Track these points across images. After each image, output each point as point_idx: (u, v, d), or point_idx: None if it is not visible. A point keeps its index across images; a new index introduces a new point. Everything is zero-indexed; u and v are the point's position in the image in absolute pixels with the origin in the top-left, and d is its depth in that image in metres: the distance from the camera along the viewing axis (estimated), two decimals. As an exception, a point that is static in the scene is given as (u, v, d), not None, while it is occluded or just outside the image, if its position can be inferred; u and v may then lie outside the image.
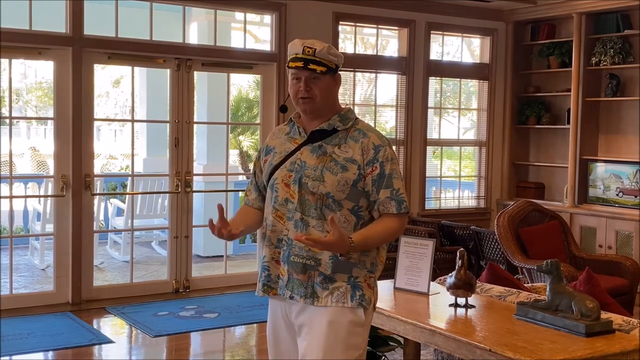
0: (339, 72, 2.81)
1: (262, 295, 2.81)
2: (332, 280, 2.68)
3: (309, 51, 2.71)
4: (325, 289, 2.67)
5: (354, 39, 8.12)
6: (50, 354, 5.28)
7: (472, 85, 9.10)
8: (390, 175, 2.70)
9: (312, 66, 2.70)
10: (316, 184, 2.67)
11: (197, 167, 8.07)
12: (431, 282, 3.78)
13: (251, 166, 14.05)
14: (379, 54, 8.44)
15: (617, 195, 7.61)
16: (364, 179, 2.70)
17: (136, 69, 7.12)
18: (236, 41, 8.42)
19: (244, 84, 13.92)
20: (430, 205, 8.57)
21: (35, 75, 17.49)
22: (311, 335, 2.70)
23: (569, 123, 7.97)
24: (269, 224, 2.78)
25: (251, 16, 8.01)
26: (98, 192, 7.66)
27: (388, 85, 8.51)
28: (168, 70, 6.86)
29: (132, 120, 7.48)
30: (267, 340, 2.95)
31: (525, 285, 4.30)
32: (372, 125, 2.96)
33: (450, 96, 9.41)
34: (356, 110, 7.95)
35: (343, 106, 2.87)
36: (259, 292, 2.82)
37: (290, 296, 2.72)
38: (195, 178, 7.28)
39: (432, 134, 8.47)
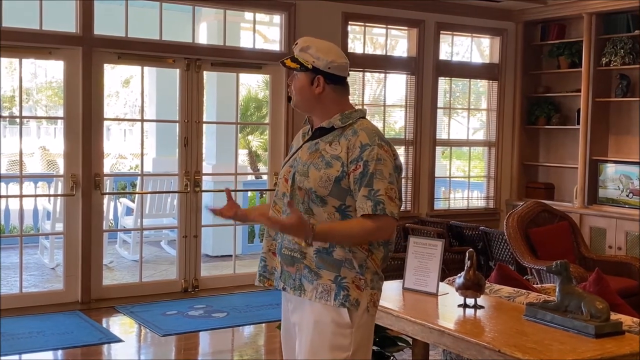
0: (320, 75, 2.73)
1: (259, 284, 2.91)
2: (318, 276, 2.69)
3: (293, 47, 2.81)
4: (310, 283, 2.70)
5: (363, 39, 8.12)
6: (59, 352, 5.30)
7: (481, 85, 9.08)
8: (372, 174, 2.62)
9: (285, 59, 2.81)
10: (302, 179, 2.70)
11: (206, 167, 8.08)
12: (440, 283, 3.78)
13: (260, 165, 13.95)
14: (388, 54, 8.44)
15: (627, 196, 7.58)
16: (347, 177, 2.66)
17: (146, 68, 7.14)
18: (245, 41, 8.42)
19: (253, 83, 13.94)
20: (439, 205, 8.56)
21: (46, 74, 17.58)
22: (300, 335, 2.75)
23: (578, 123, 7.94)
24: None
25: (260, 16, 8.01)
26: (107, 191, 7.68)
27: (397, 86, 8.50)
28: (177, 70, 6.87)
29: (142, 120, 7.51)
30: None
31: (534, 286, 4.29)
32: (381, 125, 2.96)
33: (460, 96, 9.39)
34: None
35: (356, 107, 2.86)
36: (256, 281, 2.91)
37: (283, 287, 2.78)
38: (204, 178, 7.30)
39: (442, 134, 8.46)
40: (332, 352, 2.67)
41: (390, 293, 3.72)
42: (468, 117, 9.32)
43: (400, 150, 8.25)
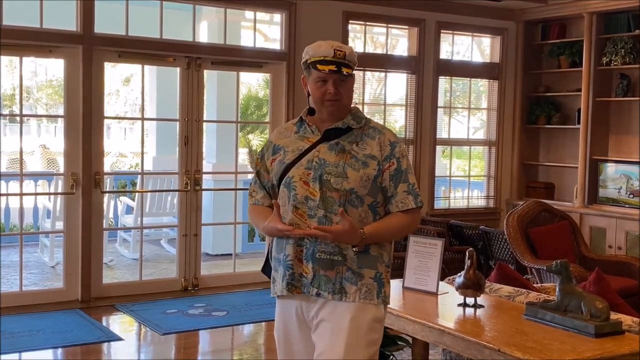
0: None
1: (287, 294, 2.75)
2: (360, 276, 2.71)
3: (340, 54, 2.72)
4: (353, 284, 2.70)
5: (364, 38, 8.12)
6: (59, 351, 5.30)
7: (482, 84, 9.08)
8: (406, 170, 2.79)
9: (344, 70, 2.72)
10: (339, 181, 2.69)
11: (207, 166, 8.08)
12: (440, 282, 3.78)
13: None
14: (388, 53, 8.43)
15: (628, 195, 7.58)
16: (382, 175, 2.75)
17: (146, 67, 7.14)
18: (246, 40, 8.42)
19: (253, 82, 13.92)
20: (440, 204, 8.56)
21: (46, 73, 17.57)
22: (332, 332, 2.69)
23: (579, 123, 7.94)
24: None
25: (261, 15, 8.00)
26: (108, 190, 7.69)
27: (398, 85, 8.50)
28: (178, 69, 6.87)
29: (142, 119, 7.53)
30: (276, 342, 2.92)
31: (534, 285, 4.29)
32: (381, 124, 2.97)
33: (460, 96, 9.38)
34: (366, 109, 7.96)
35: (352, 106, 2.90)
36: (284, 292, 2.76)
37: (317, 293, 2.71)
38: (204, 176, 7.30)
39: (442, 133, 8.46)
40: (367, 348, 2.72)
41: (390, 292, 3.71)
42: (468, 117, 9.31)
43: (401, 150, 8.25)
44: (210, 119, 8.52)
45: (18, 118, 6.79)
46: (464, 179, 9.58)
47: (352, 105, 2.87)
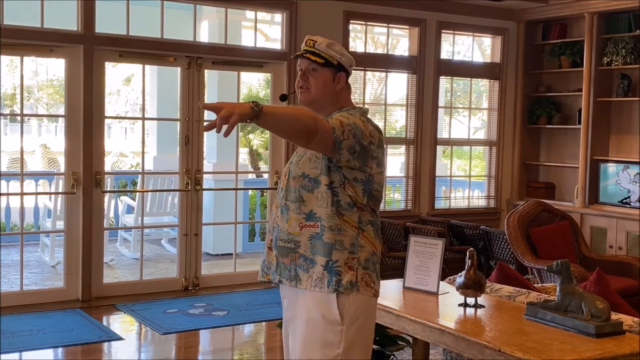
0: (343, 72, 2.83)
1: (260, 279, 2.90)
2: (313, 263, 2.69)
3: (310, 43, 2.84)
4: (305, 272, 2.70)
5: (365, 37, 8.12)
6: (59, 350, 5.30)
7: (482, 84, 9.07)
8: (335, 118, 2.62)
9: (308, 55, 2.80)
10: (295, 168, 2.77)
11: (207, 166, 8.08)
12: (440, 282, 3.78)
13: (261, 164, 13.89)
14: (389, 53, 8.43)
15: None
16: None
17: (147, 67, 7.15)
18: (247, 40, 8.43)
19: (254, 82, 13.94)
20: (440, 204, 8.56)
21: (47, 72, 17.59)
22: (294, 334, 2.78)
23: (579, 123, 7.94)
24: (272, 214, 2.90)
25: (262, 15, 8.01)
26: (108, 189, 7.69)
27: (398, 85, 8.50)
28: (179, 69, 6.87)
29: (143, 118, 7.51)
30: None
31: (535, 285, 4.29)
32: (382, 124, 2.96)
33: (461, 95, 9.38)
34: (366, 109, 7.94)
35: (357, 106, 2.91)
36: (259, 276, 2.92)
37: (279, 280, 2.79)
38: (205, 176, 7.30)
39: (443, 133, 8.46)
40: (322, 350, 2.67)
41: (391, 292, 3.72)
42: (469, 117, 9.31)
43: (401, 150, 8.28)
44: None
45: (19, 117, 6.80)
46: (465, 179, 9.58)
47: (357, 104, 2.91)
